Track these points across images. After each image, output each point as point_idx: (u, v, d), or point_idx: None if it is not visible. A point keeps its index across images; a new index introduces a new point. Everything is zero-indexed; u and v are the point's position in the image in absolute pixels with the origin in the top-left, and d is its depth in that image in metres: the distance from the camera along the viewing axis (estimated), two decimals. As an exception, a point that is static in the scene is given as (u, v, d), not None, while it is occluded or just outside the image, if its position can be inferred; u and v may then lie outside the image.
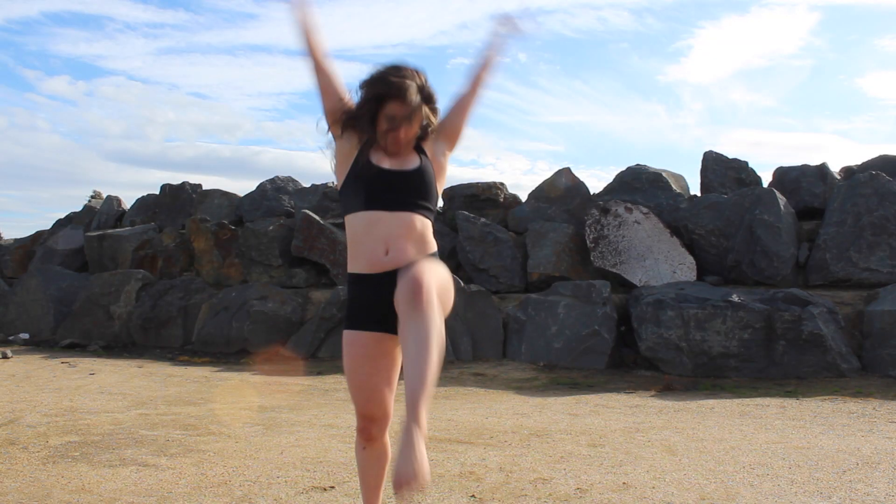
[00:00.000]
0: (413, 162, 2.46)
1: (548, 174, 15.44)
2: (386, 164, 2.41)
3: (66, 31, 51.39)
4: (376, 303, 2.36)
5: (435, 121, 2.55)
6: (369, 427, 2.44)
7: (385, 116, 2.39)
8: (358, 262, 2.42)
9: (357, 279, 2.42)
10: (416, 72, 2.45)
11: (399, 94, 2.36)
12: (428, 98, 2.48)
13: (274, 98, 59.25)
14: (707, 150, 10.82)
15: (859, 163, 10.45)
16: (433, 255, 2.46)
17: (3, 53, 53.18)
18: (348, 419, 5.34)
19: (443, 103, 2.60)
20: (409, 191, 2.40)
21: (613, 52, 54.08)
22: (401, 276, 2.24)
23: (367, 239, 2.38)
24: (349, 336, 2.44)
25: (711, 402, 6.15)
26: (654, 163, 12.04)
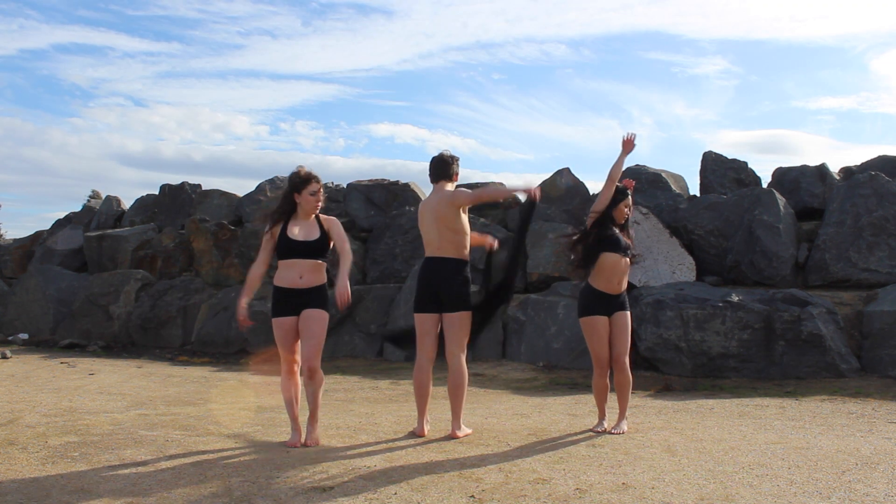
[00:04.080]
0: None
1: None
2: None
3: (72, 59, 54.82)
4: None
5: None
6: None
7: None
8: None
9: None
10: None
11: None
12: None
13: (262, 114, 62.72)
14: (706, 150, 10.84)
15: (859, 163, 10.45)
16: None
17: (17, 77, 57.11)
18: (347, 419, 5.34)
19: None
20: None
21: (559, 77, 59.63)
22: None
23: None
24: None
25: (711, 402, 6.15)
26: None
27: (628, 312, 4.92)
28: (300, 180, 4.52)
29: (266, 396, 6.42)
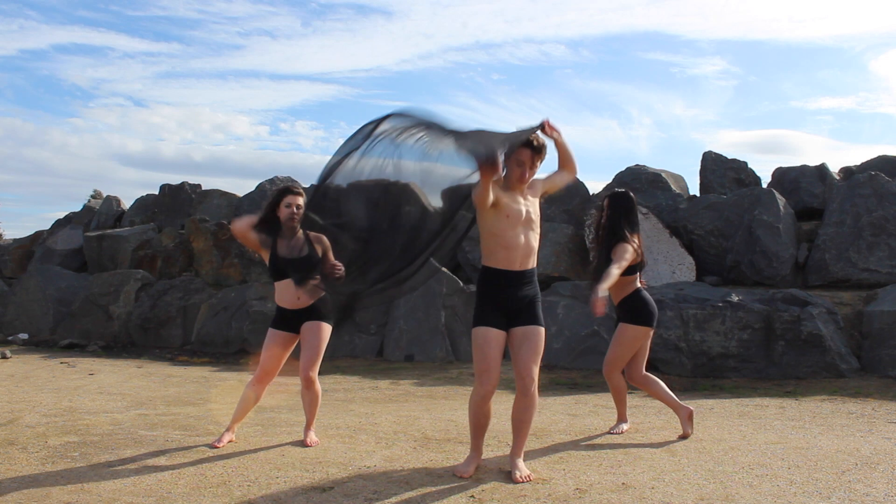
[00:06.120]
0: None
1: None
2: None
3: (72, 59, 55.26)
4: None
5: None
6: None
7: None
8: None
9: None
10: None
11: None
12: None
13: (262, 114, 63.07)
14: (707, 150, 10.85)
15: (858, 163, 10.46)
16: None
17: (17, 77, 57.63)
18: (347, 419, 5.34)
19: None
20: None
21: (559, 77, 60.29)
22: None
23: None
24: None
25: (710, 402, 6.15)
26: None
27: (624, 324, 4.79)
28: (276, 191, 4.49)
29: (266, 396, 6.41)
